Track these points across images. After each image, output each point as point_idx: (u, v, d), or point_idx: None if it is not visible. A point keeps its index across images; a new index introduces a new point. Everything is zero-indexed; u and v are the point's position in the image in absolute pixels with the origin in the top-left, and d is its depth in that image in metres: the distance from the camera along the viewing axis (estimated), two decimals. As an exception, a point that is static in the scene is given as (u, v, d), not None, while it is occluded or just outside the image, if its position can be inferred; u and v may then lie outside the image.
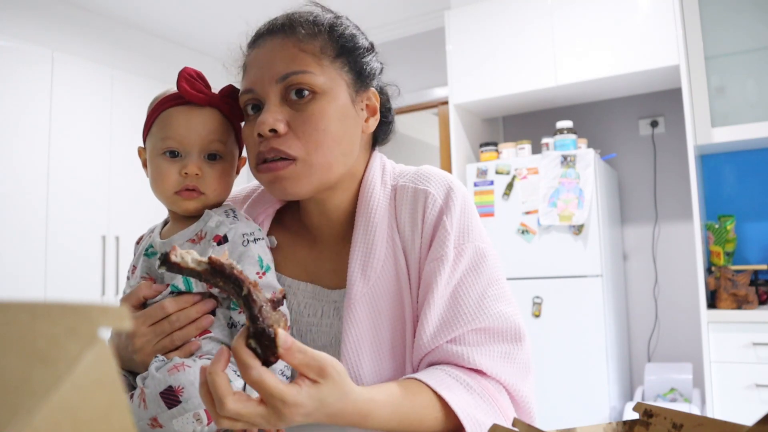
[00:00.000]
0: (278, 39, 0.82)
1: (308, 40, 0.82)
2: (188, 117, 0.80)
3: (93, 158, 3.11)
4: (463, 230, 0.84)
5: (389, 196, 0.88)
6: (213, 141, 0.81)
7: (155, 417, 0.66)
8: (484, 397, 0.77)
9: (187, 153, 0.80)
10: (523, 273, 2.78)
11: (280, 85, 0.80)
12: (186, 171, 0.79)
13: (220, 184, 0.82)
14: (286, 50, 0.81)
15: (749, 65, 2.57)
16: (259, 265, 0.77)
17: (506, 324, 0.82)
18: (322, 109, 0.79)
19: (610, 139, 3.20)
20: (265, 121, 0.77)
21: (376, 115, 0.89)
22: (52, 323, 0.24)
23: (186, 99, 0.81)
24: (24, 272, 2.77)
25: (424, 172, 0.89)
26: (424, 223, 0.84)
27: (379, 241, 0.84)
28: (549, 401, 2.67)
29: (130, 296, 0.80)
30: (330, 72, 0.82)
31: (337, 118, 0.81)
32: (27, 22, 3.10)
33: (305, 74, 0.79)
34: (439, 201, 0.85)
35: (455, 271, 0.82)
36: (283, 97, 0.80)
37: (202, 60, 4.04)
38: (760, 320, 2.29)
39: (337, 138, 0.81)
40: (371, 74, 0.88)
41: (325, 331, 0.86)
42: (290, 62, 0.80)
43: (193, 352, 0.75)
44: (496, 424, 0.50)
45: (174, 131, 0.80)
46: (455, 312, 0.81)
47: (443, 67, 3.19)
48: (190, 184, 0.80)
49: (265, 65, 0.81)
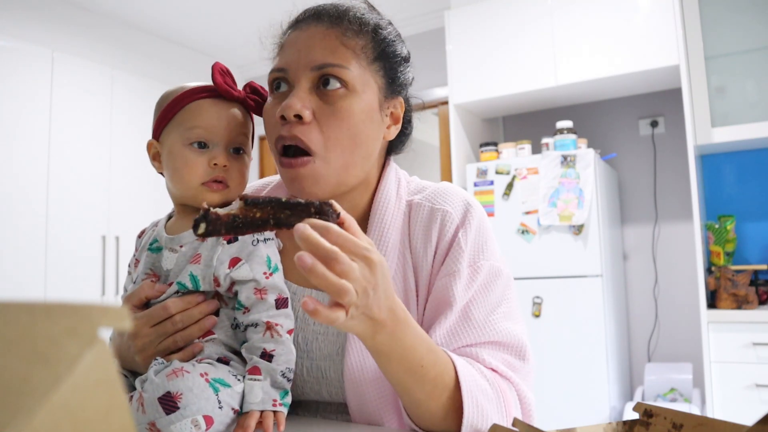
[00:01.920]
0: (322, 27, 0.82)
1: (351, 36, 0.81)
2: (219, 109, 0.81)
3: (93, 158, 3.11)
4: (478, 248, 0.85)
5: (404, 212, 0.88)
6: (239, 134, 0.82)
7: (153, 422, 0.65)
8: (494, 387, 0.77)
9: (215, 145, 0.80)
10: (523, 273, 2.78)
11: (315, 73, 0.79)
12: (216, 162, 0.79)
13: (243, 179, 0.83)
14: (328, 40, 0.80)
15: (749, 65, 2.57)
16: (267, 265, 0.77)
17: (513, 340, 0.82)
18: (350, 107, 0.79)
19: (610, 139, 3.20)
20: (292, 105, 0.77)
21: (398, 124, 0.89)
22: (52, 323, 0.24)
23: (217, 92, 0.82)
24: (24, 272, 2.77)
25: (441, 190, 0.89)
26: (440, 241, 0.84)
27: (390, 256, 0.84)
28: (549, 401, 2.67)
29: (132, 296, 0.79)
30: (365, 72, 0.82)
31: (362, 119, 0.81)
32: (27, 22, 3.10)
33: (341, 68, 0.79)
34: (456, 219, 0.85)
35: (470, 288, 0.82)
36: (314, 85, 0.80)
37: (202, 60, 4.04)
38: (760, 320, 2.29)
39: (359, 139, 0.81)
40: (403, 83, 0.89)
41: (331, 340, 0.85)
42: (329, 53, 0.79)
43: (195, 354, 0.75)
44: (496, 424, 0.50)
45: (205, 121, 0.80)
46: (464, 325, 0.81)
47: (443, 67, 3.19)
48: (219, 175, 0.80)
49: (303, 49, 0.80)
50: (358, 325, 0.63)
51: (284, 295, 0.77)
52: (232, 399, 0.70)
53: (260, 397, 0.70)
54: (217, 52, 4.04)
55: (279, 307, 0.76)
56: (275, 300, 0.76)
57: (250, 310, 0.75)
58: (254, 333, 0.74)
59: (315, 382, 0.86)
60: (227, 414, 0.69)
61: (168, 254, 0.80)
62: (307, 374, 0.86)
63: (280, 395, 0.72)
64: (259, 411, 0.70)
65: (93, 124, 3.13)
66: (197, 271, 0.77)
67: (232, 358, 0.75)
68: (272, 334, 0.74)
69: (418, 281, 0.85)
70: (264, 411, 0.70)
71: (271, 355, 0.73)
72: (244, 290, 0.76)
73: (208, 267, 0.76)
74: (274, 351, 0.73)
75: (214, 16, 3.60)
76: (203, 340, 0.76)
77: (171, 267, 0.79)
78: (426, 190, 0.90)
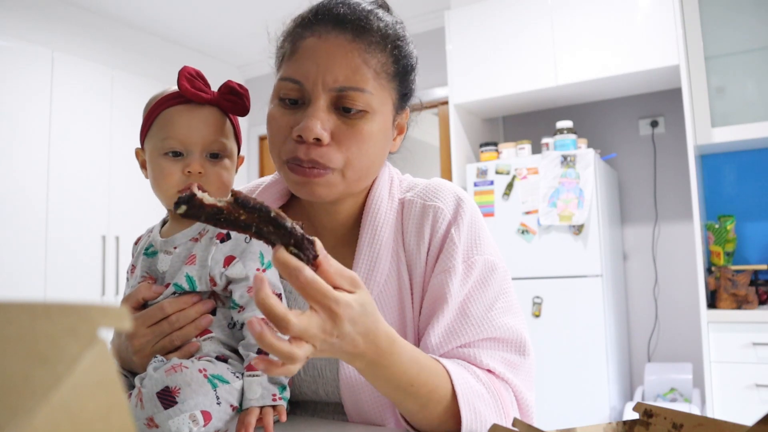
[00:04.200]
0: (344, 40, 0.77)
1: (373, 52, 0.78)
2: (189, 116, 0.79)
3: (93, 158, 3.11)
4: (472, 243, 0.84)
5: (396, 210, 0.87)
6: (215, 140, 0.80)
7: (151, 417, 0.66)
8: (490, 390, 0.76)
9: (189, 152, 0.79)
10: (523, 273, 2.78)
11: (334, 93, 0.76)
12: (189, 170, 0.78)
13: (222, 183, 0.81)
14: (350, 58, 0.77)
15: (749, 65, 2.57)
16: (260, 261, 0.77)
17: (512, 335, 0.82)
18: (369, 129, 0.78)
19: (610, 139, 3.20)
20: (312, 128, 0.74)
21: (403, 134, 0.89)
22: (52, 323, 0.24)
23: (186, 98, 0.80)
24: (24, 272, 2.77)
25: (432, 186, 0.88)
26: (433, 237, 0.84)
27: (384, 255, 0.84)
28: (549, 401, 2.67)
29: (130, 297, 0.80)
30: (383, 93, 0.80)
31: (379, 140, 0.80)
32: (27, 22, 3.10)
33: (363, 93, 0.77)
34: (448, 215, 0.84)
35: (465, 283, 0.82)
36: (332, 103, 0.77)
37: (202, 60, 4.04)
38: (760, 320, 2.29)
39: (375, 159, 0.81)
40: (412, 94, 0.87)
41: None
42: (351, 74, 0.76)
43: (193, 353, 0.75)
44: (496, 424, 0.50)
45: (175, 131, 0.79)
46: (462, 323, 0.81)
47: (443, 67, 3.19)
48: (192, 183, 0.79)
49: (323, 65, 0.76)
50: (331, 355, 0.62)
51: (278, 291, 0.77)
52: (230, 395, 0.70)
53: (259, 393, 0.70)
54: (217, 52, 4.04)
55: None
56: None
57: (245, 309, 0.75)
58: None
59: (312, 381, 0.86)
60: (225, 410, 0.69)
61: (163, 257, 0.80)
62: (304, 373, 0.86)
63: (279, 390, 0.72)
64: (258, 408, 0.70)
65: (93, 124, 3.13)
66: (193, 272, 0.77)
67: (231, 356, 0.76)
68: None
69: (413, 279, 0.85)
70: (264, 408, 0.70)
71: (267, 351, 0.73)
72: (237, 289, 0.76)
73: (203, 267, 0.77)
74: None
75: (214, 16, 3.60)
76: (201, 339, 0.76)
77: (166, 269, 0.79)
78: (417, 186, 0.89)
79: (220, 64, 4.03)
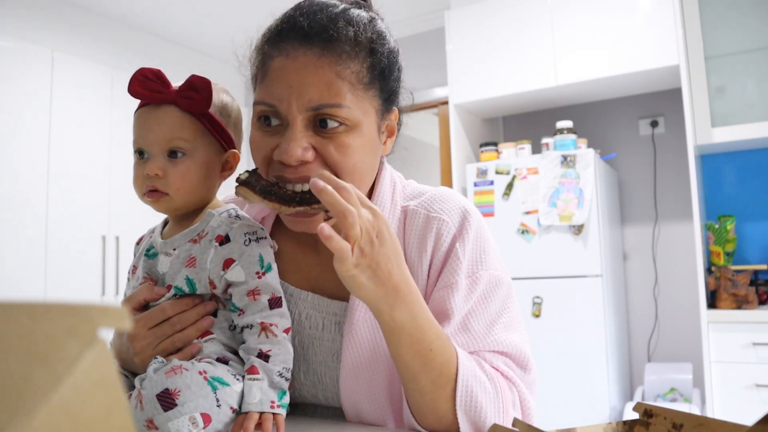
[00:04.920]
0: (312, 55, 0.74)
1: (346, 63, 0.74)
2: (147, 117, 0.79)
3: (93, 158, 3.11)
4: (477, 258, 0.82)
5: (399, 219, 0.85)
6: (172, 139, 0.78)
7: (151, 419, 0.65)
8: (493, 383, 0.76)
9: (151, 154, 0.79)
10: (523, 273, 2.78)
11: (310, 113, 0.74)
12: (146, 172, 0.78)
13: (184, 183, 0.79)
14: (321, 74, 0.73)
15: (749, 65, 2.57)
16: (260, 265, 0.77)
17: (514, 351, 0.81)
18: (351, 142, 0.75)
19: (610, 139, 3.20)
20: (292, 153, 0.73)
21: (394, 136, 0.86)
22: (52, 323, 0.24)
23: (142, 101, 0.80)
24: (24, 272, 2.77)
25: (438, 196, 0.85)
26: (436, 251, 0.82)
27: None
28: (549, 401, 2.67)
29: (131, 299, 0.80)
30: (362, 102, 0.76)
31: (365, 151, 0.78)
32: (27, 22, 3.10)
33: (339, 108, 0.73)
34: (453, 228, 0.82)
35: (469, 299, 0.81)
36: (310, 122, 0.75)
37: (202, 60, 4.04)
38: (760, 320, 2.29)
39: (365, 169, 0.79)
40: (397, 93, 0.84)
41: (327, 345, 0.85)
42: (325, 90, 0.73)
43: (194, 355, 0.75)
44: (496, 424, 0.50)
45: (137, 133, 0.80)
46: (464, 337, 0.80)
47: (443, 67, 3.19)
48: (150, 185, 0.78)
49: (295, 86, 0.73)
50: (367, 282, 0.65)
51: (278, 294, 0.77)
52: (230, 398, 0.70)
53: (258, 397, 0.70)
54: (217, 52, 4.04)
55: (273, 307, 0.76)
56: (268, 300, 0.76)
57: (245, 312, 0.75)
58: (250, 335, 0.75)
59: (311, 386, 0.86)
60: (225, 413, 0.69)
61: (163, 258, 0.80)
62: (304, 377, 0.86)
63: (278, 395, 0.72)
64: (258, 413, 0.70)
65: (93, 124, 3.13)
66: (192, 274, 0.77)
67: (231, 358, 0.76)
68: (267, 334, 0.74)
69: None
70: (263, 413, 0.70)
71: (267, 355, 0.73)
72: (237, 292, 0.76)
73: (202, 270, 0.77)
74: (270, 351, 0.73)
75: (214, 16, 3.60)
76: (202, 341, 0.76)
77: (166, 270, 0.79)
78: (422, 195, 0.86)
79: (220, 64, 4.03)
